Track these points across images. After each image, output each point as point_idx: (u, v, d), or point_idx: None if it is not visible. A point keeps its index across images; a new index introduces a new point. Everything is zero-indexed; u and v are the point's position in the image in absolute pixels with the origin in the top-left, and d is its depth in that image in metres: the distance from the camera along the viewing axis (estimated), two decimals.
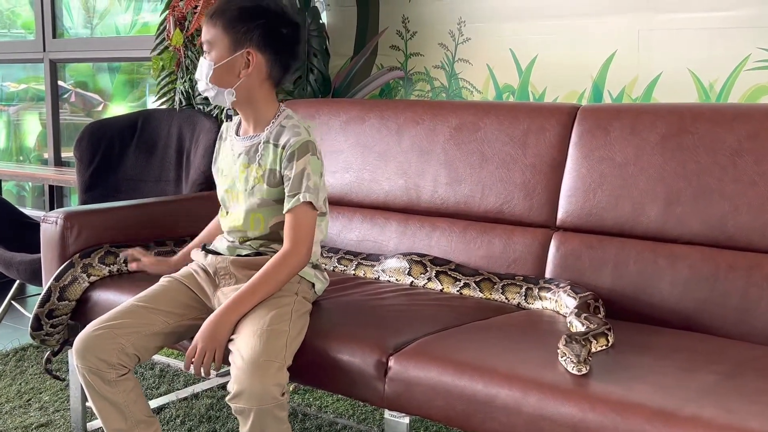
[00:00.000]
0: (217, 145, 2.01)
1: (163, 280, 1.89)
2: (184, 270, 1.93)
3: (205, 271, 1.89)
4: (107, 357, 1.71)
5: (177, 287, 1.87)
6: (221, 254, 1.89)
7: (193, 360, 1.69)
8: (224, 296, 1.80)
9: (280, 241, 1.83)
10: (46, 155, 4.74)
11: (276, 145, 1.82)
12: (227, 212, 1.92)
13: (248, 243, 1.87)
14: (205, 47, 1.84)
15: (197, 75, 1.88)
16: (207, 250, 1.92)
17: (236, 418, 1.64)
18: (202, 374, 1.69)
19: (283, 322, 1.70)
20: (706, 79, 2.30)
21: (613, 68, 2.46)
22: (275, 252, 1.81)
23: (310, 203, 1.79)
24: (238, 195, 1.87)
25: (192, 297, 1.86)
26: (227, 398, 1.64)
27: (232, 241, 1.89)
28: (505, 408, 1.49)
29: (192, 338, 1.76)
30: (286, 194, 1.80)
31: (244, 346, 1.65)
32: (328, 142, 2.47)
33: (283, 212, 1.80)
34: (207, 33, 1.83)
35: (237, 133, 1.92)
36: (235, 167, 1.88)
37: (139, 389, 1.80)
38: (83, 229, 2.19)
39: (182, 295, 1.86)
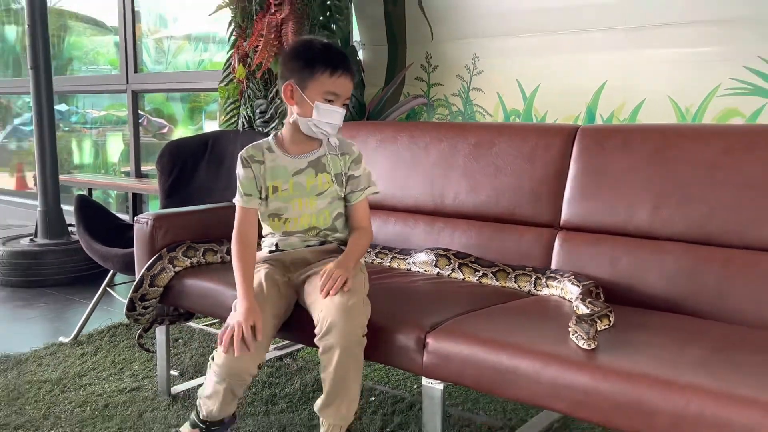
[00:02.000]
0: (253, 170, 1.83)
1: (259, 287, 1.78)
2: (264, 274, 1.82)
3: (277, 264, 1.86)
4: (245, 377, 1.70)
5: (271, 286, 1.79)
6: (293, 249, 1.87)
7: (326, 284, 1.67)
8: (312, 273, 1.80)
9: (335, 230, 1.88)
10: (124, 169, 4.77)
11: (339, 155, 1.86)
12: (286, 218, 1.85)
13: (319, 235, 1.87)
14: (343, 101, 1.77)
15: (336, 121, 1.77)
16: (278, 251, 1.89)
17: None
18: (331, 293, 1.65)
19: (360, 288, 1.73)
20: (683, 104, 2.27)
21: (604, 95, 2.43)
22: (335, 239, 1.88)
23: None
24: (304, 200, 1.84)
25: (279, 286, 1.81)
26: (316, 338, 1.63)
27: (301, 235, 1.86)
28: (526, 377, 1.46)
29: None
30: (356, 189, 1.88)
31: (334, 297, 1.66)
32: (366, 157, 2.39)
33: (354, 202, 1.88)
34: (347, 88, 1.78)
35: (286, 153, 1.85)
36: (299, 180, 1.83)
37: None
38: (169, 228, 2.19)
39: (277, 291, 1.79)
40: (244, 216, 1.85)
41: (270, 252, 1.90)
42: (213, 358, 1.70)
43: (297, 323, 1.80)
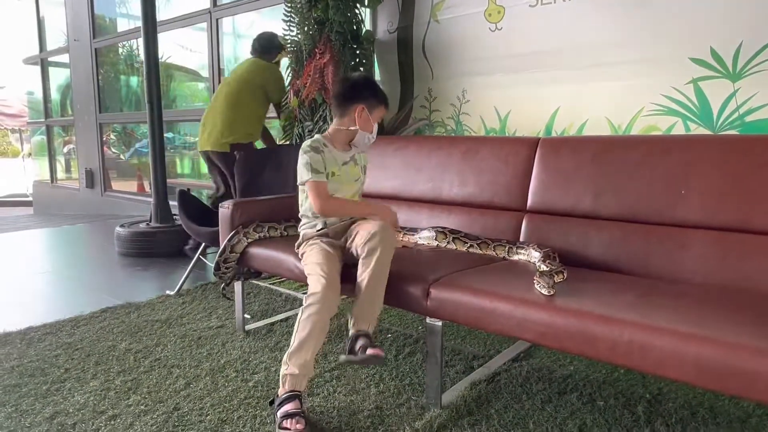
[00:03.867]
0: (322, 156, 1.76)
1: (327, 252, 1.72)
2: (325, 244, 1.77)
3: (325, 236, 1.83)
4: (335, 307, 1.59)
5: (332, 250, 1.75)
6: (333, 224, 1.85)
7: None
8: (349, 237, 1.77)
9: None
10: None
11: (364, 154, 1.92)
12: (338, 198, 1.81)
13: None
14: (378, 120, 1.84)
15: (374, 133, 1.83)
16: (324, 228, 1.85)
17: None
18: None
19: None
20: (616, 122, 2.22)
21: (558, 117, 2.39)
22: None
23: None
24: (347, 184, 1.86)
25: (334, 249, 1.76)
26: (362, 244, 1.62)
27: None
28: (503, 315, 1.44)
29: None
30: (364, 175, 1.95)
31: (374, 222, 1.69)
32: (384, 161, 2.43)
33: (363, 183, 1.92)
34: (382, 114, 1.84)
35: (335, 148, 1.82)
36: (346, 169, 1.84)
37: None
38: (243, 212, 2.17)
39: (335, 251, 1.75)
40: (317, 188, 1.75)
41: (318, 231, 1.86)
42: (304, 307, 1.54)
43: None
